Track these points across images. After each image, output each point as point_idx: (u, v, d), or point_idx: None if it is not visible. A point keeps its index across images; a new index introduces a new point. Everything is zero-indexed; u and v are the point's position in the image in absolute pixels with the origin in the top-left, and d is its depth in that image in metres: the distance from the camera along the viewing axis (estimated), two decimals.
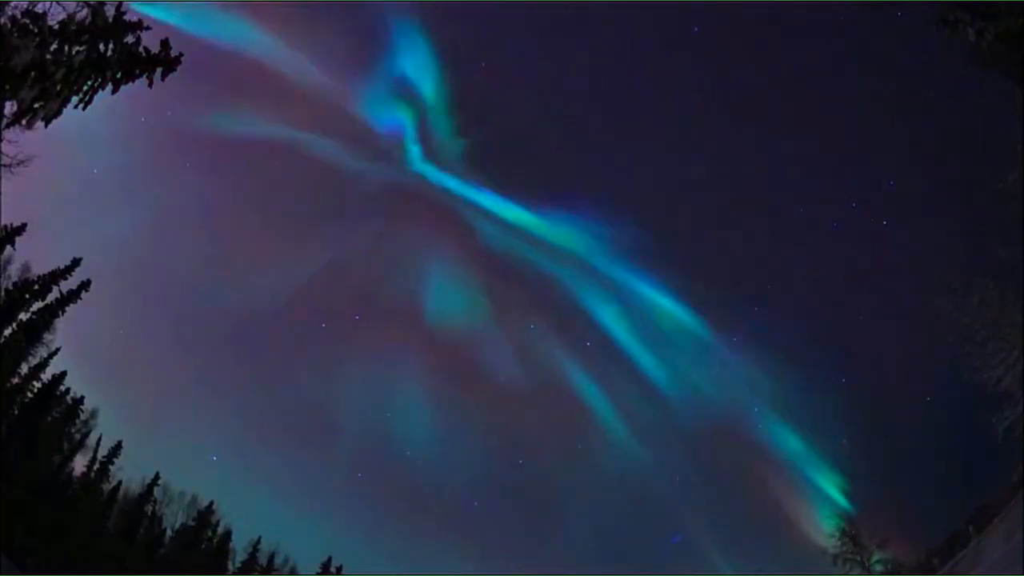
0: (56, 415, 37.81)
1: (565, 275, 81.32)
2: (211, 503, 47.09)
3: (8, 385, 34.03)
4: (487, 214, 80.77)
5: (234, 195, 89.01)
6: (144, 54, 12.79)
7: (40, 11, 11.70)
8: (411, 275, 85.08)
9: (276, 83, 79.85)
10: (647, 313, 78.31)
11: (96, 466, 41.24)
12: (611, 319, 79.29)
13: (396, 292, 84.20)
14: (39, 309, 35.04)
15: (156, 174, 78.16)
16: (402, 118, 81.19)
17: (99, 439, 42.16)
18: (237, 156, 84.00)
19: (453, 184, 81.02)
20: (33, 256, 36.44)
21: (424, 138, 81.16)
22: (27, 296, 34.46)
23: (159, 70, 13.02)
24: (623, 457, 76.17)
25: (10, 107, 11.76)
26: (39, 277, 35.25)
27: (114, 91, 12.80)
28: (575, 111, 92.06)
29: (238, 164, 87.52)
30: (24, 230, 33.67)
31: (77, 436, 40.74)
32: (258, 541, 48.91)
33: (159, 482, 44.20)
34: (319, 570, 51.01)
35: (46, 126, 12.15)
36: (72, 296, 35.92)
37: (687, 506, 73.33)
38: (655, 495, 75.48)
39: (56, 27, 11.78)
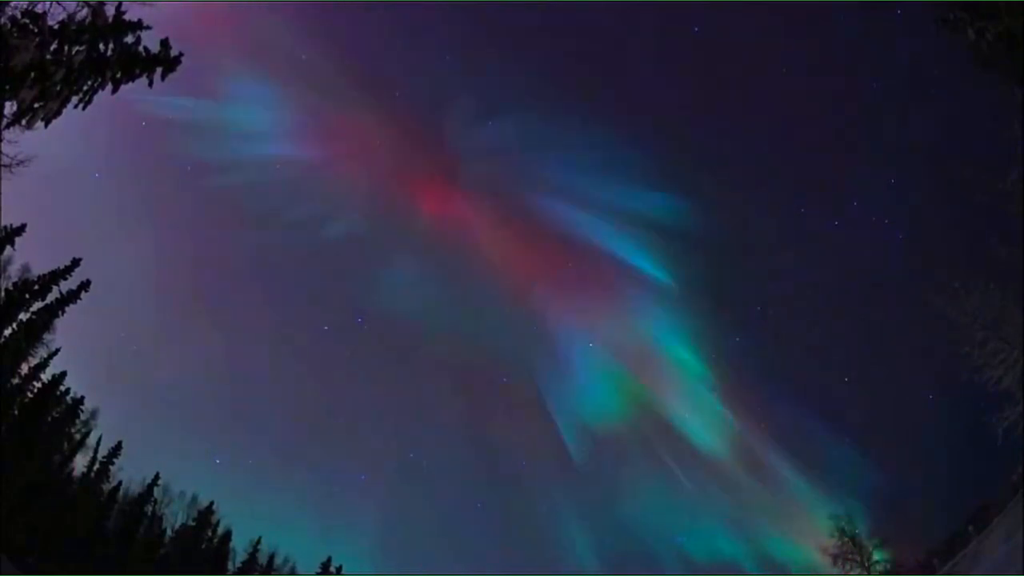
0: (56, 415, 37.72)
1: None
2: (211, 503, 47.14)
3: (8, 385, 33.97)
4: None
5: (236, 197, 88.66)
6: (144, 54, 12.77)
7: (40, 11, 11.69)
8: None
9: None
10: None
11: (96, 466, 41.23)
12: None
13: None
14: (39, 309, 34.98)
15: (158, 176, 78.33)
16: None
17: (99, 439, 42.22)
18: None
19: None
20: (33, 256, 36.45)
21: None
22: (27, 296, 34.40)
23: (159, 70, 13.00)
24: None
25: (10, 107, 11.74)
26: (39, 277, 35.16)
27: (114, 91, 12.79)
28: (572, 110, 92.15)
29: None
30: (24, 230, 33.65)
31: (77, 436, 40.66)
32: (258, 541, 48.94)
33: (159, 482, 44.20)
34: (319, 570, 50.97)
35: (46, 126, 12.14)
36: (72, 296, 35.85)
37: (689, 506, 73.26)
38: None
39: (56, 27, 11.77)
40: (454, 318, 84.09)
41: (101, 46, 12.27)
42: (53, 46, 11.68)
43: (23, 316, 34.45)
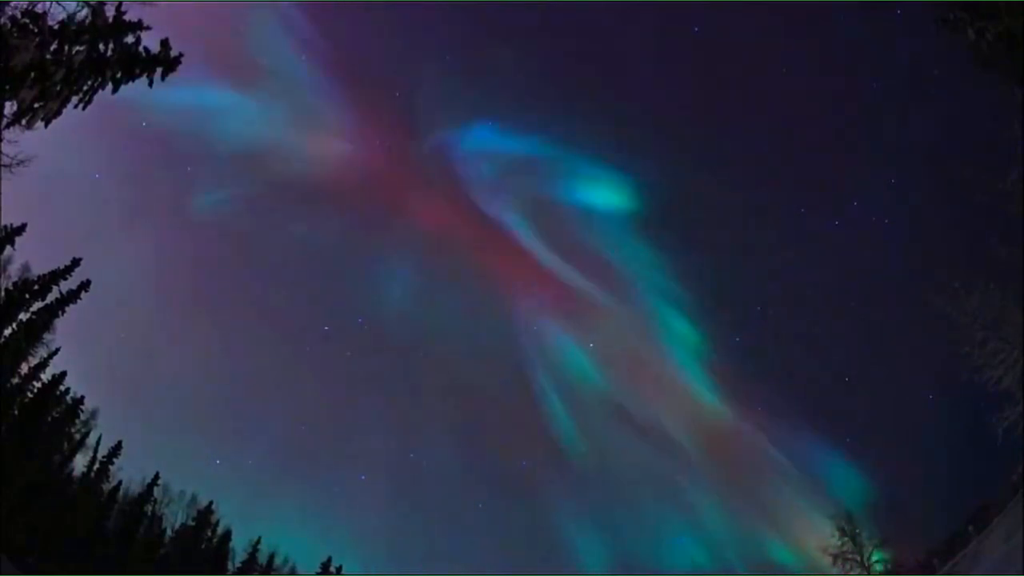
0: (56, 415, 37.71)
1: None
2: (211, 503, 47.14)
3: (8, 385, 33.96)
4: None
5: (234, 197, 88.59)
6: (144, 54, 12.77)
7: (40, 11, 11.68)
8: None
9: None
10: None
11: (96, 466, 41.22)
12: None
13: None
14: (39, 309, 34.96)
15: (158, 177, 78.37)
16: None
17: (99, 439, 42.18)
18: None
19: None
20: (33, 256, 36.41)
21: None
22: (27, 296, 34.39)
23: (159, 70, 13.00)
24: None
25: (10, 107, 11.73)
26: (39, 277, 35.16)
27: (114, 91, 12.79)
28: (573, 110, 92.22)
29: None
30: (24, 230, 33.65)
31: (77, 436, 40.64)
32: (258, 541, 48.90)
33: (159, 482, 44.19)
34: (319, 570, 50.95)
35: (46, 126, 12.13)
36: (72, 296, 35.85)
37: (690, 506, 73.30)
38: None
39: (56, 27, 11.76)
40: (454, 319, 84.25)
41: (101, 46, 12.26)
42: (53, 46, 11.67)
43: (23, 316, 34.43)
